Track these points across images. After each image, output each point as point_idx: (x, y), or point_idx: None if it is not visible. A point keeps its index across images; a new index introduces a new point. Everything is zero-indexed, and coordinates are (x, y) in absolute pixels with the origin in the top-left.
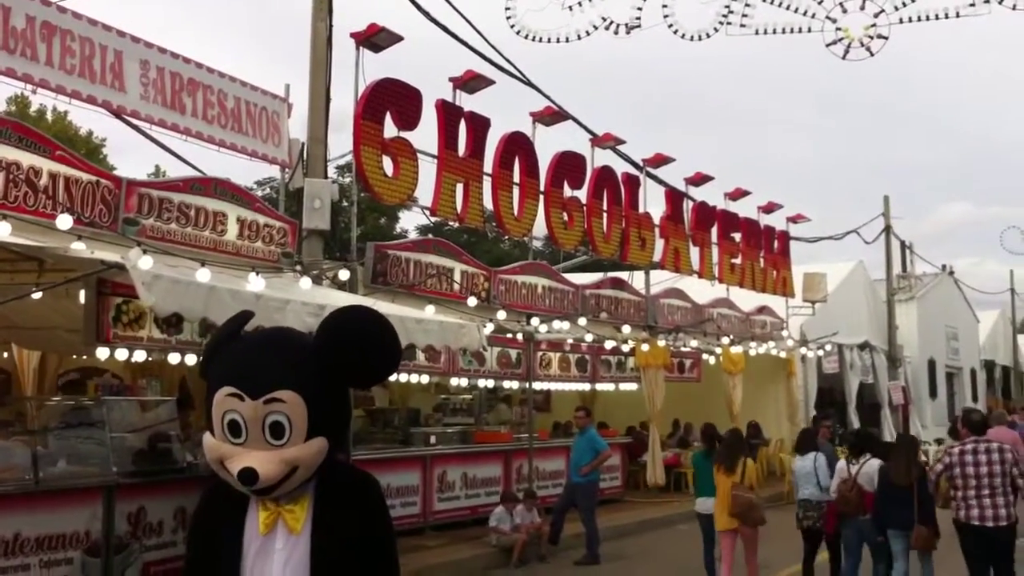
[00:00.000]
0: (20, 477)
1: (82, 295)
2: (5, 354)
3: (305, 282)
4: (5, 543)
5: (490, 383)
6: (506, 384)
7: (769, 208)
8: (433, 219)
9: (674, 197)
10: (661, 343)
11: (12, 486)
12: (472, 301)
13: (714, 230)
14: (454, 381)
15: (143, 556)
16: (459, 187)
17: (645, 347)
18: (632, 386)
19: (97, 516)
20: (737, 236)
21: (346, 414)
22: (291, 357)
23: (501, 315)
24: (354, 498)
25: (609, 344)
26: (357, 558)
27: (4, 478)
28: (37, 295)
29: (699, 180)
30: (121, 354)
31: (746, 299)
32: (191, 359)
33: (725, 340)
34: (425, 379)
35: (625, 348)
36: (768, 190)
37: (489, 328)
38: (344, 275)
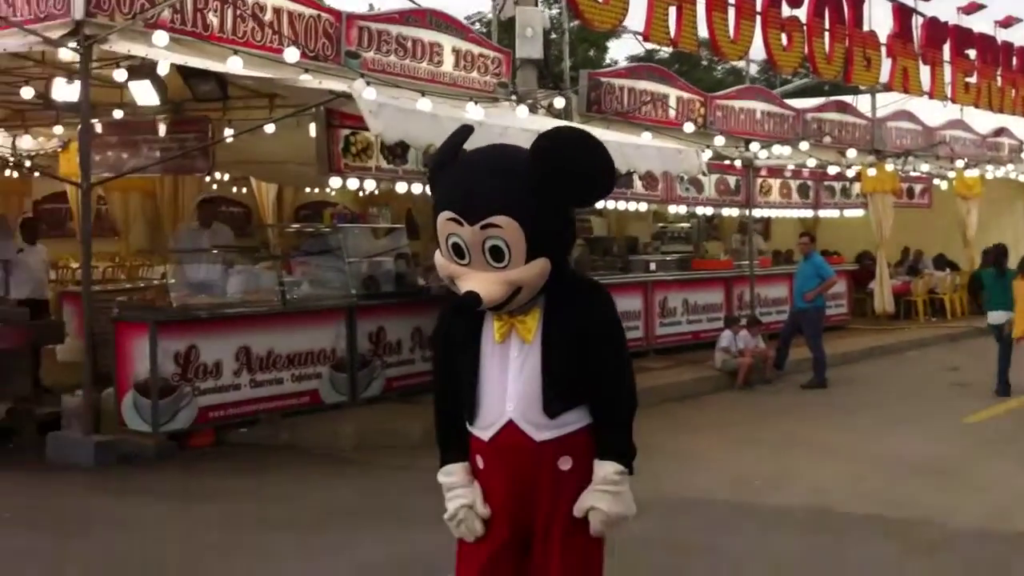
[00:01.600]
0: (269, 299)
1: (312, 128)
2: (244, 189)
3: (521, 110)
4: (260, 359)
5: (708, 210)
6: (724, 212)
7: (1007, 22)
8: (645, 45)
9: (902, 13)
10: (889, 168)
11: (263, 307)
12: (689, 127)
13: (946, 47)
14: (672, 209)
15: (385, 372)
16: (672, 10)
17: (872, 172)
18: (857, 212)
19: (341, 335)
20: (972, 53)
21: (569, 232)
22: (506, 181)
23: (719, 141)
24: (581, 303)
25: (833, 170)
26: (586, 354)
27: (255, 300)
28: (270, 128)
29: None
30: (352, 183)
31: (982, 120)
32: (417, 188)
33: (959, 164)
34: (643, 207)
35: (850, 174)
36: (1005, 2)
37: (707, 155)
38: (559, 103)
